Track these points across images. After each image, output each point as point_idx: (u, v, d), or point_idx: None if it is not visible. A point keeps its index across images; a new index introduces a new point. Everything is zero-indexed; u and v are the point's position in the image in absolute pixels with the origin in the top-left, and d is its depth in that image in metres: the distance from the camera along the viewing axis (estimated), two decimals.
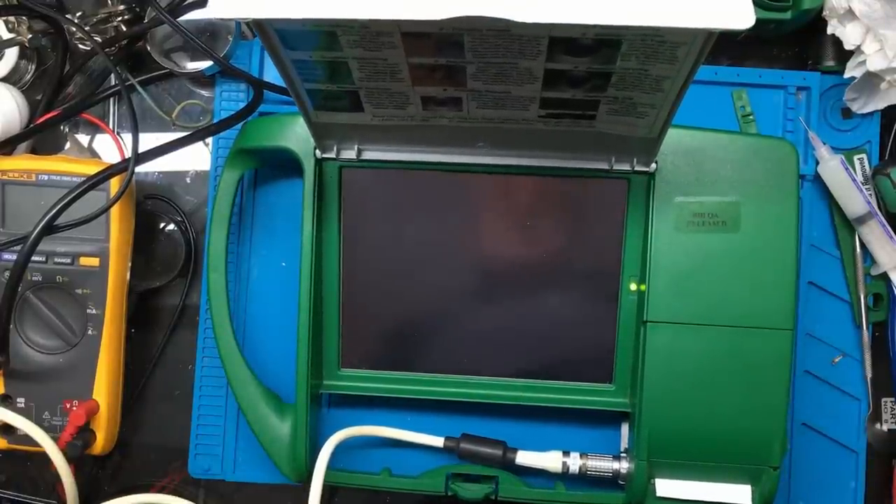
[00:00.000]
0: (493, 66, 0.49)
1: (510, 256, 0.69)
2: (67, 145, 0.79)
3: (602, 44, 0.46)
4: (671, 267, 0.65)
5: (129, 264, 0.74)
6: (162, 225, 0.78)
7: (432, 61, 0.49)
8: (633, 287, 0.68)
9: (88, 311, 0.71)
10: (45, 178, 0.71)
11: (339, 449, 0.67)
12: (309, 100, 0.55)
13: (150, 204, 0.78)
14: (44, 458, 0.68)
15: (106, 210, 0.67)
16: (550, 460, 0.70)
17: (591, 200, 0.68)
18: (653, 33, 0.44)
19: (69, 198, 0.63)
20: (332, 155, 0.66)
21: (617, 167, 0.65)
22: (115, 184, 0.69)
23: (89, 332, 0.72)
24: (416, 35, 0.45)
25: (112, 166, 0.66)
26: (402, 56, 0.48)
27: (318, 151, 0.66)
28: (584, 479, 0.70)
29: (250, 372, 0.71)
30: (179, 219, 0.78)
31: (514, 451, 0.71)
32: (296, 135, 0.67)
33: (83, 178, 0.67)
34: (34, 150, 0.77)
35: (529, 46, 0.46)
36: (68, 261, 0.71)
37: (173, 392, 0.77)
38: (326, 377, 0.71)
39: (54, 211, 0.63)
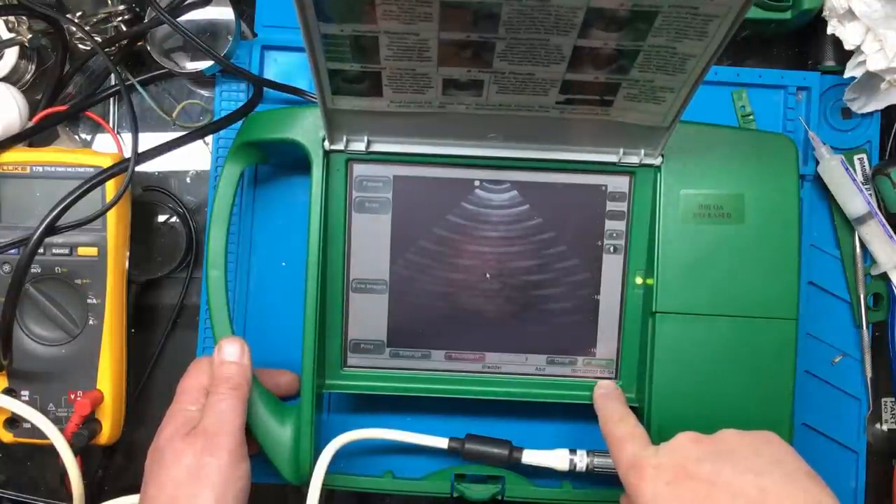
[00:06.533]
0: (522, 44, 0.49)
1: (516, 254, 0.69)
2: (59, 136, 0.78)
3: (637, 17, 0.46)
4: (679, 258, 0.66)
5: (128, 253, 0.74)
6: (164, 218, 0.77)
7: (464, 37, 0.49)
8: (639, 281, 0.68)
9: (89, 300, 0.71)
10: (40, 169, 0.71)
11: (341, 452, 0.66)
12: (328, 82, 0.55)
13: (150, 195, 0.78)
14: (45, 457, 0.67)
15: (104, 212, 0.67)
16: (557, 459, 0.69)
17: (597, 195, 0.68)
18: (689, 4, 0.44)
19: (69, 200, 0.63)
20: (341, 147, 0.65)
21: (625, 160, 0.65)
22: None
23: (90, 322, 0.71)
24: (454, 5, 0.45)
25: (112, 166, 0.66)
26: (434, 31, 0.48)
27: (326, 143, 0.65)
28: (590, 477, 0.70)
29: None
30: (180, 210, 0.77)
31: (520, 450, 0.70)
32: (303, 127, 0.66)
33: (77, 169, 0.69)
34: (29, 145, 0.76)
35: (565, 19, 0.46)
36: (66, 251, 0.71)
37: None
38: (329, 377, 0.70)
39: (55, 213, 0.63)
